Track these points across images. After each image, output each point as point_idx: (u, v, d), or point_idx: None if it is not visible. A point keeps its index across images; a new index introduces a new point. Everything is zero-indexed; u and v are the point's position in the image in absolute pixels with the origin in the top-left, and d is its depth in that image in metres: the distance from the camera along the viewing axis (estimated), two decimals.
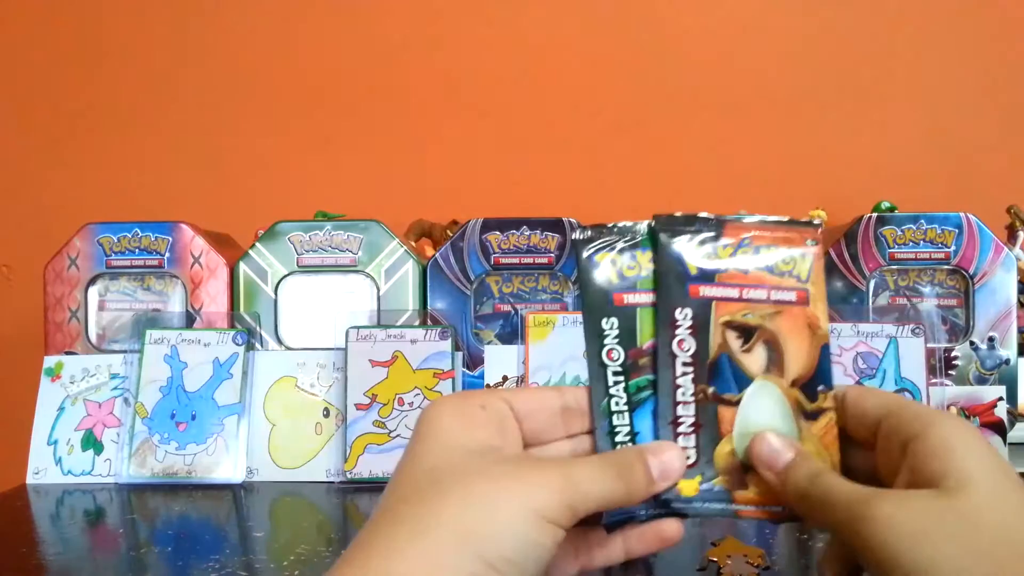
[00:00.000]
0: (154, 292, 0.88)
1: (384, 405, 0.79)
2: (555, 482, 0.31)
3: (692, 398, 0.36)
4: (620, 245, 0.38)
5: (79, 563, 0.59)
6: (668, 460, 0.34)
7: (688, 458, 0.35)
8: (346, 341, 0.81)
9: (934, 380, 0.76)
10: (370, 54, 1.17)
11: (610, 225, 0.38)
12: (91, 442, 0.81)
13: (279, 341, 0.85)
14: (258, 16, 1.18)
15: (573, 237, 0.38)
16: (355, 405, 0.79)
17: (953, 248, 0.82)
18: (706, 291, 0.37)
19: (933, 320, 0.79)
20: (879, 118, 1.12)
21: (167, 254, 0.87)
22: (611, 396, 0.36)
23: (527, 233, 0.84)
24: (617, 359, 0.37)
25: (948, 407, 0.79)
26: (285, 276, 0.86)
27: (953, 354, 0.81)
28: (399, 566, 0.28)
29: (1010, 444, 0.78)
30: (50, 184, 1.19)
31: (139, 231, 0.87)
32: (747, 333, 0.36)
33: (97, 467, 0.81)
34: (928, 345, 0.77)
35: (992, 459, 0.30)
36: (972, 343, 0.81)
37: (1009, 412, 0.79)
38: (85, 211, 0.93)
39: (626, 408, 0.36)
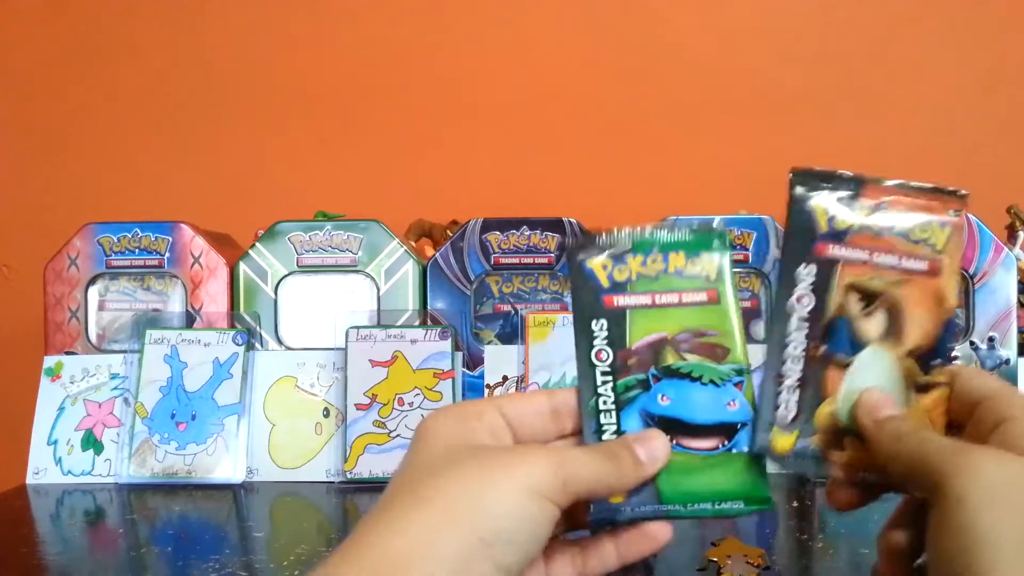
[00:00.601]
0: (154, 292, 0.88)
1: (384, 405, 0.79)
2: (547, 459, 0.32)
3: (803, 354, 0.36)
4: (610, 252, 0.38)
5: (79, 563, 0.59)
6: (654, 446, 0.35)
7: (788, 413, 0.35)
8: (346, 341, 0.81)
9: None
10: (370, 54, 1.17)
11: (602, 234, 0.38)
12: (91, 442, 0.81)
13: (279, 341, 0.85)
14: (258, 16, 1.18)
15: (566, 245, 0.39)
16: (355, 405, 0.79)
17: None
18: (834, 250, 0.36)
19: None
20: (879, 118, 1.12)
21: (167, 254, 0.87)
22: (599, 395, 0.37)
23: (527, 233, 0.84)
24: (606, 359, 0.37)
25: None
26: (285, 276, 0.86)
27: (953, 354, 0.81)
28: (399, 542, 0.29)
29: None
30: (50, 184, 1.19)
31: (139, 231, 0.87)
32: (870, 298, 0.36)
33: (97, 467, 0.81)
34: None
35: None
36: (972, 343, 0.81)
37: None
38: (85, 211, 0.93)
39: (613, 407, 0.36)
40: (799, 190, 0.37)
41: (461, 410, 0.35)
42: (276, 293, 0.86)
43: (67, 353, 0.86)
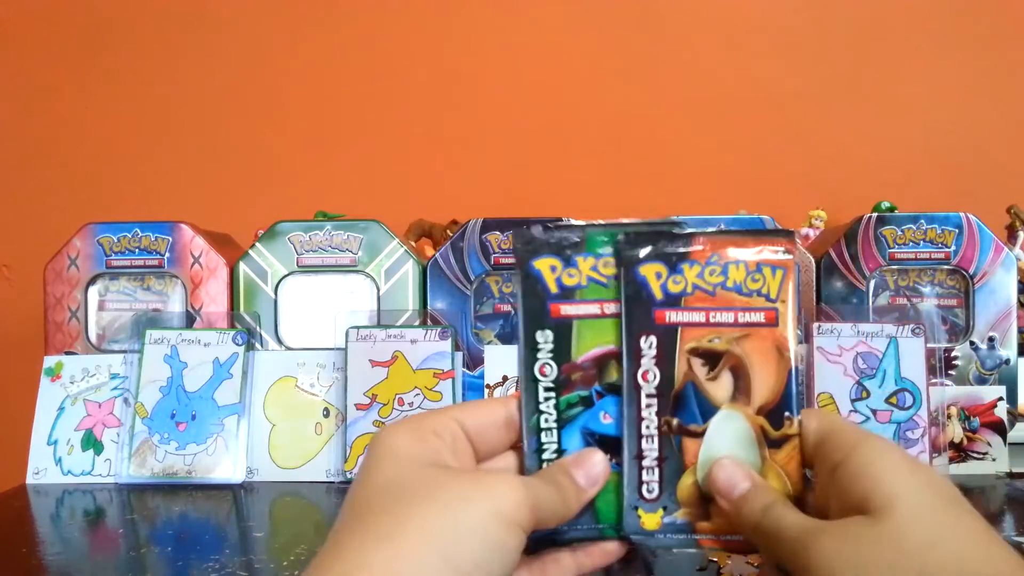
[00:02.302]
0: (154, 292, 0.88)
1: (384, 405, 0.79)
2: (516, 486, 0.31)
3: (656, 431, 0.35)
4: (561, 250, 0.36)
5: (79, 563, 0.59)
6: (592, 468, 0.35)
7: (651, 492, 0.35)
8: (346, 341, 0.81)
9: (934, 380, 0.76)
10: (370, 54, 1.17)
11: (552, 227, 0.37)
12: (91, 442, 0.81)
13: (279, 341, 0.85)
14: (258, 17, 1.18)
15: (513, 236, 0.37)
16: (355, 405, 0.79)
17: (953, 248, 0.82)
18: (672, 316, 0.36)
19: (933, 320, 0.79)
20: (879, 118, 1.12)
21: (167, 254, 0.87)
22: (541, 412, 0.36)
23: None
24: (550, 375, 0.36)
25: (948, 407, 0.79)
26: (285, 276, 0.86)
27: (953, 354, 0.81)
28: (366, 573, 0.28)
29: (1010, 444, 0.78)
30: (50, 184, 1.19)
31: (139, 231, 0.87)
32: (713, 359, 0.36)
33: (97, 467, 0.81)
34: (928, 345, 0.77)
35: (914, 476, 0.30)
36: (972, 343, 0.81)
37: (1009, 412, 0.79)
38: (85, 211, 0.93)
39: (555, 425, 0.36)
40: (628, 256, 0.36)
41: (419, 425, 0.33)
42: (276, 293, 0.86)
43: (67, 353, 0.86)
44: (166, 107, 1.19)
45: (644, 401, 0.35)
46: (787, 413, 0.35)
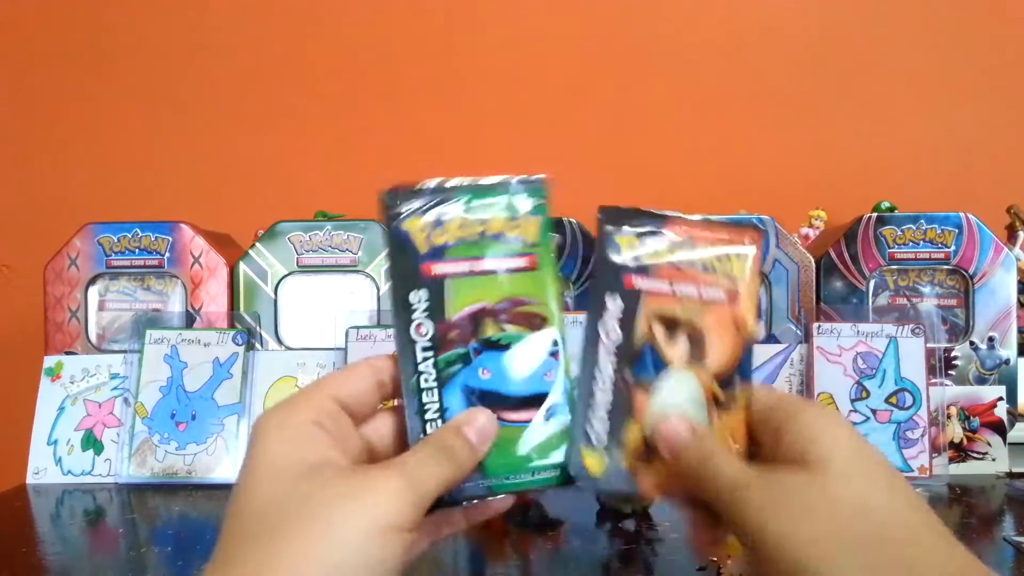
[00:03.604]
0: (154, 292, 0.88)
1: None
2: (395, 486, 0.30)
3: (612, 380, 0.37)
4: (429, 210, 0.37)
5: (79, 563, 0.59)
6: (481, 425, 0.35)
7: (599, 439, 0.36)
8: (346, 341, 0.81)
9: (934, 380, 0.76)
10: (371, 54, 1.17)
11: (418, 187, 0.37)
12: (91, 442, 0.81)
13: (279, 341, 0.85)
14: (258, 17, 1.18)
15: (379, 199, 0.37)
16: None
17: (953, 248, 0.82)
18: (639, 283, 0.38)
19: (933, 320, 0.79)
20: (879, 118, 1.12)
21: (167, 254, 0.87)
22: (420, 373, 0.36)
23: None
24: (426, 334, 0.36)
25: (948, 407, 0.79)
26: (285, 276, 0.86)
27: (953, 354, 0.81)
28: None
29: (1010, 444, 0.78)
30: (50, 184, 1.19)
31: (139, 231, 0.87)
32: (673, 325, 0.37)
33: (97, 467, 0.81)
34: (928, 345, 0.77)
35: (850, 440, 0.32)
36: (972, 343, 0.81)
37: (1009, 412, 0.79)
38: (85, 211, 0.93)
39: (435, 384, 0.36)
40: (607, 227, 0.38)
41: (293, 415, 0.32)
42: (276, 293, 0.86)
43: (67, 353, 0.86)
44: (166, 107, 1.19)
45: (603, 354, 0.37)
46: (737, 382, 0.37)
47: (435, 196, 0.37)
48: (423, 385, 0.36)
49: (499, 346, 0.36)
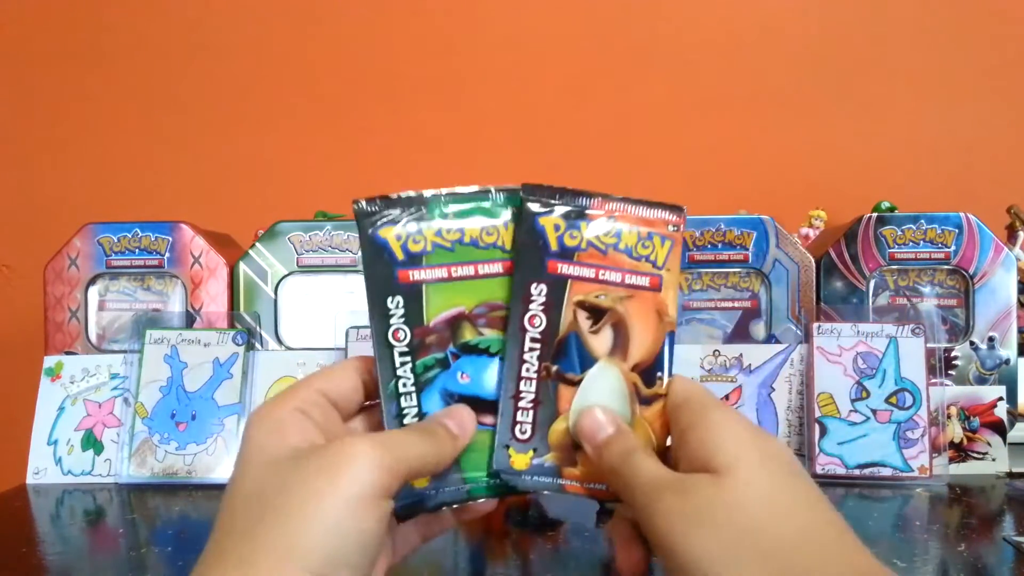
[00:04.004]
0: (154, 292, 0.88)
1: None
2: (369, 452, 0.30)
3: (535, 375, 0.36)
4: (405, 219, 0.37)
5: (79, 563, 0.59)
6: (463, 419, 0.35)
7: (524, 433, 0.36)
8: (346, 341, 0.81)
9: (934, 380, 0.76)
10: (371, 54, 1.17)
11: (394, 196, 0.37)
12: (91, 442, 0.81)
13: (279, 341, 0.85)
14: (258, 17, 1.18)
15: (354, 209, 0.37)
16: None
17: (953, 248, 0.82)
18: (564, 268, 0.37)
19: (933, 320, 0.79)
20: (879, 118, 1.12)
21: (167, 254, 0.87)
22: (398, 378, 0.36)
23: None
24: (403, 339, 0.36)
25: (948, 407, 0.79)
26: (285, 276, 0.86)
27: (953, 354, 0.81)
28: None
29: (1010, 444, 0.78)
30: (50, 184, 1.19)
31: (139, 231, 0.87)
32: (598, 314, 0.37)
33: (97, 467, 0.81)
34: (928, 345, 0.77)
35: (756, 442, 0.31)
36: (972, 343, 0.81)
37: (1009, 412, 0.79)
38: (85, 211, 0.93)
39: (413, 389, 0.36)
40: (530, 207, 0.37)
41: (283, 403, 0.33)
42: (276, 293, 0.86)
43: (67, 353, 0.86)
44: (166, 107, 1.19)
45: (527, 344, 0.37)
46: (659, 373, 0.37)
47: (411, 204, 0.37)
48: (401, 390, 0.36)
49: (477, 350, 0.37)
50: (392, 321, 0.36)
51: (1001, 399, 0.79)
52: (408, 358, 0.36)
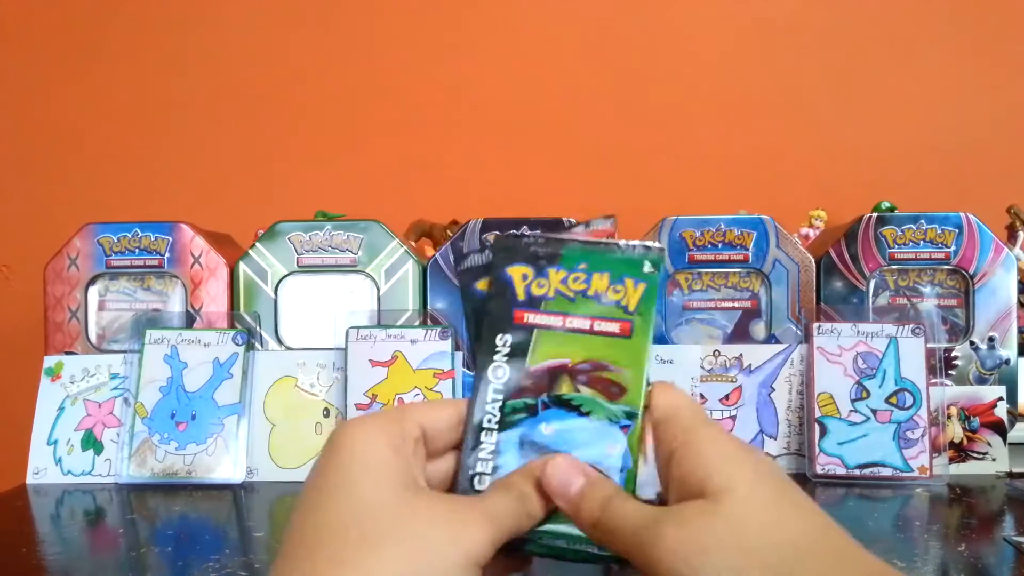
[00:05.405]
0: (154, 292, 0.88)
1: (384, 405, 0.79)
2: (480, 521, 0.31)
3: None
4: (536, 260, 0.37)
5: (79, 563, 0.59)
6: (557, 472, 0.34)
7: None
8: (346, 341, 0.81)
9: (934, 380, 0.76)
10: (371, 55, 1.17)
11: (531, 235, 0.37)
12: (91, 442, 0.81)
13: (279, 341, 0.85)
14: (258, 18, 1.18)
15: (491, 242, 0.37)
16: (355, 405, 0.79)
17: (953, 248, 0.82)
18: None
19: (933, 320, 0.79)
20: (879, 118, 1.12)
21: (167, 254, 0.87)
22: (486, 413, 0.36)
23: (527, 233, 0.84)
24: (502, 377, 0.36)
25: (948, 407, 0.79)
26: (285, 276, 0.86)
27: (953, 354, 0.81)
28: None
29: (1010, 444, 0.78)
30: (50, 184, 1.19)
31: (139, 231, 0.87)
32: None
33: (97, 467, 0.81)
34: (928, 345, 0.77)
35: (749, 460, 0.31)
36: (972, 343, 0.81)
37: (1009, 412, 0.79)
38: (85, 211, 0.93)
39: (496, 427, 0.36)
40: (499, 257, 0.37)
41: (390, 426, 0.32)
42: (276, 293, 0.86)
43: (67, 353, 0.86)
44: (166, 107, 1.19)
45: (490, 395, 0.36)
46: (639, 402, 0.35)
47: (546, 247, 0.37)
48: (485, 425, 0.36)
49: (569, 406, 0.36)
50: (496, 357, 0.36)
51: (1001, 399, 0.79)
52: (500, 396, 0.36)
